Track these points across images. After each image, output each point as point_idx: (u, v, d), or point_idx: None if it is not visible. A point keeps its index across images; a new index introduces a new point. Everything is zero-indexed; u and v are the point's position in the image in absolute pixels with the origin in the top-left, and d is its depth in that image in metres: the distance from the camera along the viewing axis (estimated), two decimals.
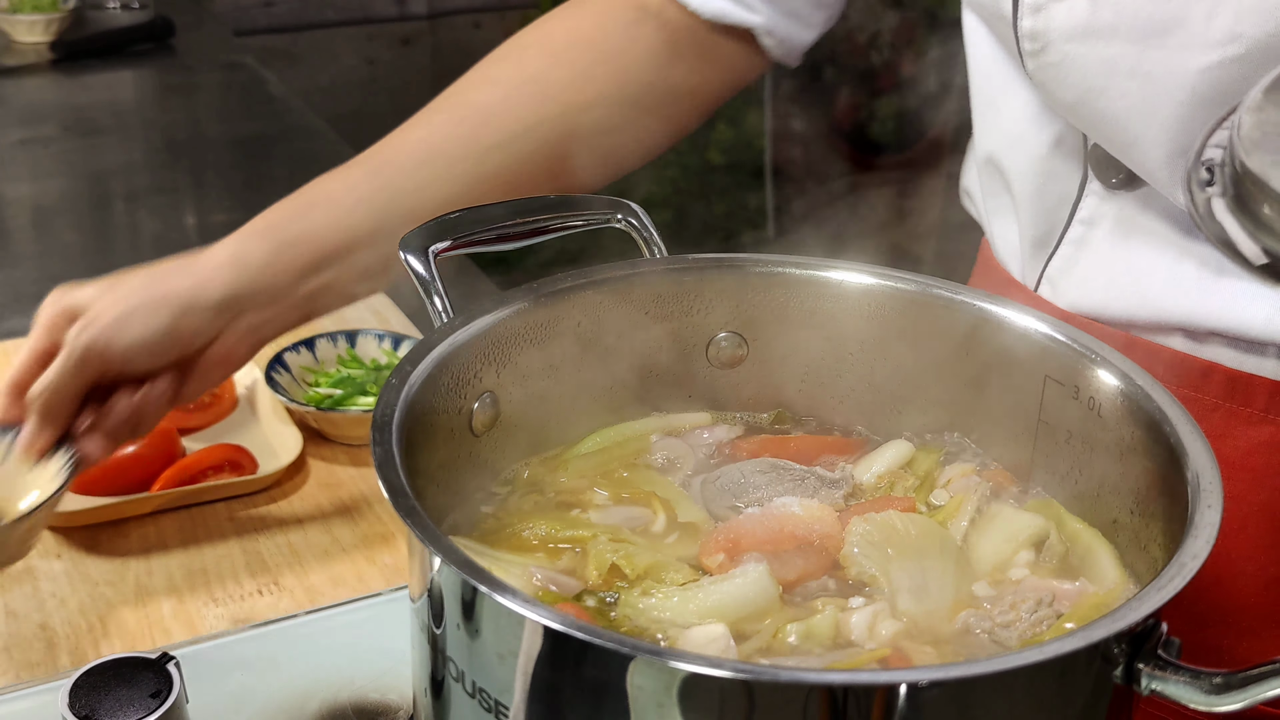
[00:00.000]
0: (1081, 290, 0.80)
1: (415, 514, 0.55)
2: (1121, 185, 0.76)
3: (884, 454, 0.75)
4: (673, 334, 0.78)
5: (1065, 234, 0.80)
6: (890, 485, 0.73)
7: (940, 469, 0.74)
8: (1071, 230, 0.79)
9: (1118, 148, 0.73)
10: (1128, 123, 0.70)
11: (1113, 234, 0.78)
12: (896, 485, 0.73)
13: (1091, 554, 0.66)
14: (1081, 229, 0.79)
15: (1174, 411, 0.63)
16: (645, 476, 0.74)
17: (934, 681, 0.49)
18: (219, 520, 1.05)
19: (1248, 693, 0.50)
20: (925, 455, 0.75)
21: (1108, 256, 0.78)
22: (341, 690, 0.85)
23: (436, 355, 0.68)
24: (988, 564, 0.67)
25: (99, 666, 0.72)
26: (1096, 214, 0.78)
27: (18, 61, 2.36)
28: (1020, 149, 0.81)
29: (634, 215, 0.79)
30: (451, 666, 0.57)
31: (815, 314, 0.78)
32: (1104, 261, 0.78)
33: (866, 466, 0.75)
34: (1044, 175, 0.80)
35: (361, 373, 1.21)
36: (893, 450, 0.75)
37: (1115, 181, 0.76)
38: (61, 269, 1.59)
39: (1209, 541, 0.54)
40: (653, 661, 0.49)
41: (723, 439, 0.78)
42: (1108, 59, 0.68)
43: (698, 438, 0.78)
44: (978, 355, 0.74)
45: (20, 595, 0.96)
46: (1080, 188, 0.78)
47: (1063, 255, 0.80)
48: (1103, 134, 0.73)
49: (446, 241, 0.73)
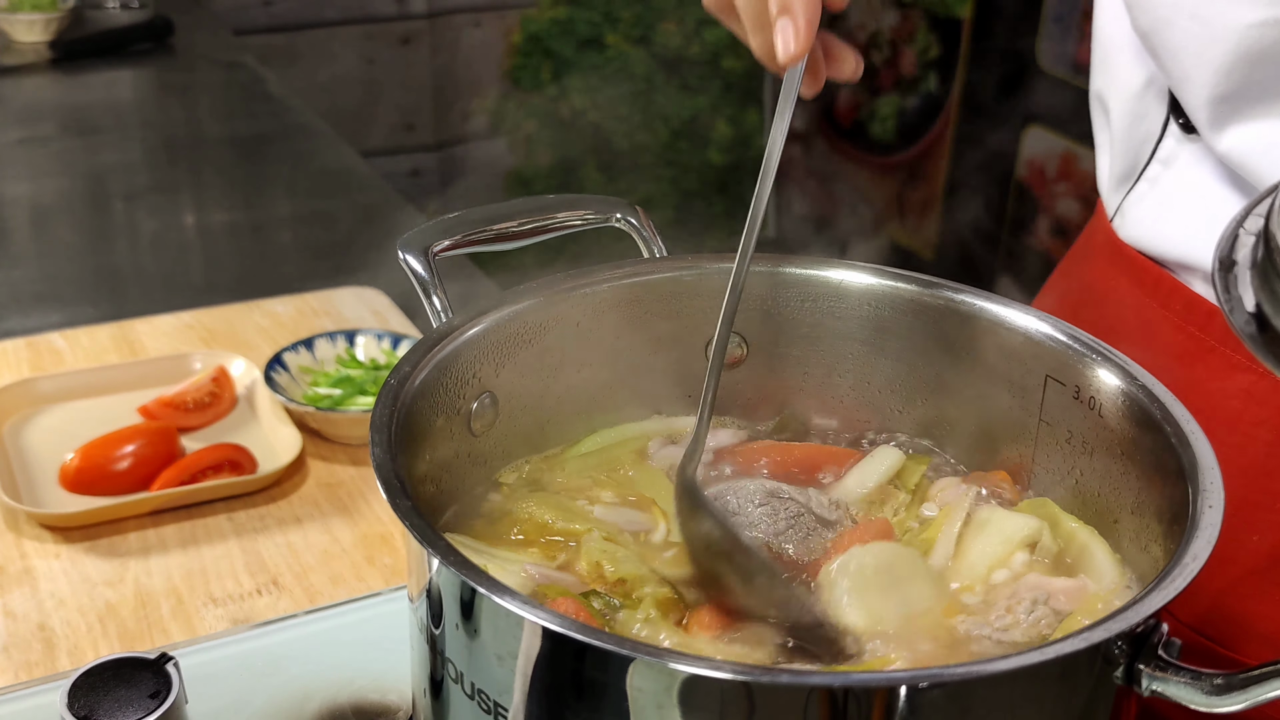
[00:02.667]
0: (1139, 223, 0.83)
1: (414, 515, 0.55)
2: (1188, 127, 0.79)
3: (873, 466, 0.74)
4: (673, 334, 0.78)
5: (1144, 171, 0.83)
6: (881, 503, 0.72)
7: (930, 482, 0.74)
8: (1150, 168, 0.82)
9: (1174, 82, 0.76)
10: (1183, 58, 0.74)
11: (1183, 177, 0.80)
12: (887, 503, 0.72)
13: (1088, 552, 0.66)
14: (1158, 168, 0.82)
15: (1175, 410, 0.63)
16: (650, 479, 0.74)
17: (934, 682, 0.49)
18: (218, 520, 1.05)
19: (1249, 693, 0.49)
20: (914, 465, 0.75)
21: (1174, 198, 0.81)
22: (341, 690, 0.85)
23: (436, 355, 0.68)
24: (982, 569, 0.66)
25: (98, 667, 0.72)
26: (1172, 155, 0.81)
27: (17, 61, 2.36)
28: (1118, 85, 0.85)
29: (634, 215, 0.79)
30: (450, 667, 0.57)
31: (815, 314, 0.78)
32: (1170, 202, 0.81)
33: (859, 482, 0.74)
34: (1134, 113, 0.83)
35: (360, 373, 1.21)
36: (881, 462, 0.75)
37: (1183, 123, 0.79)
38: (61, 269, 1.59)
39: (1210, 541, 0.54)
40: (653, 663, 0.49)
41: (724, 444, 0.78)
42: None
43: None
44: (978, 355, 0.74)
45: (19, 595, 0.95)
46: (1163, 127, 0.82)
47: (1138, 191, 0.84)
48: (1164, 65, 0.77)
49: (446, 241, 0.73)
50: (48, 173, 1.91)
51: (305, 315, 1.38)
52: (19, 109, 2.18)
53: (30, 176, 1.89)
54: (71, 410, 1.17)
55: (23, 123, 2.11)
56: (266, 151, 2.04)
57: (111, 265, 1.62)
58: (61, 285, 1.54)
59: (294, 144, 2.07)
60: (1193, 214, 0.79)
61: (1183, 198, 0.80)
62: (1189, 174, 0.80)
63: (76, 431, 1.12)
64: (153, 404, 1.16)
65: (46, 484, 1.08)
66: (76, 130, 2.08)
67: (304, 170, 1.97)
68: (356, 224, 1.77)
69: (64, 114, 2.18)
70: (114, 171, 1.92)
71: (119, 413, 1.16)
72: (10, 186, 1.85)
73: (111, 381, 1.21)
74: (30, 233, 1.72)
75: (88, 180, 1.89)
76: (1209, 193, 0.78)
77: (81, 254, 1.64)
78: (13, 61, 2.36)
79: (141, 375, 1.21)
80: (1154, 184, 0.82)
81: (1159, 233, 0.81)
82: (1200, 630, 0.77)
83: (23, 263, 1.61)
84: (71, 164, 1.94)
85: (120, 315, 1.38)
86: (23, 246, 1.68)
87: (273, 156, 2.02)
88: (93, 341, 1.32)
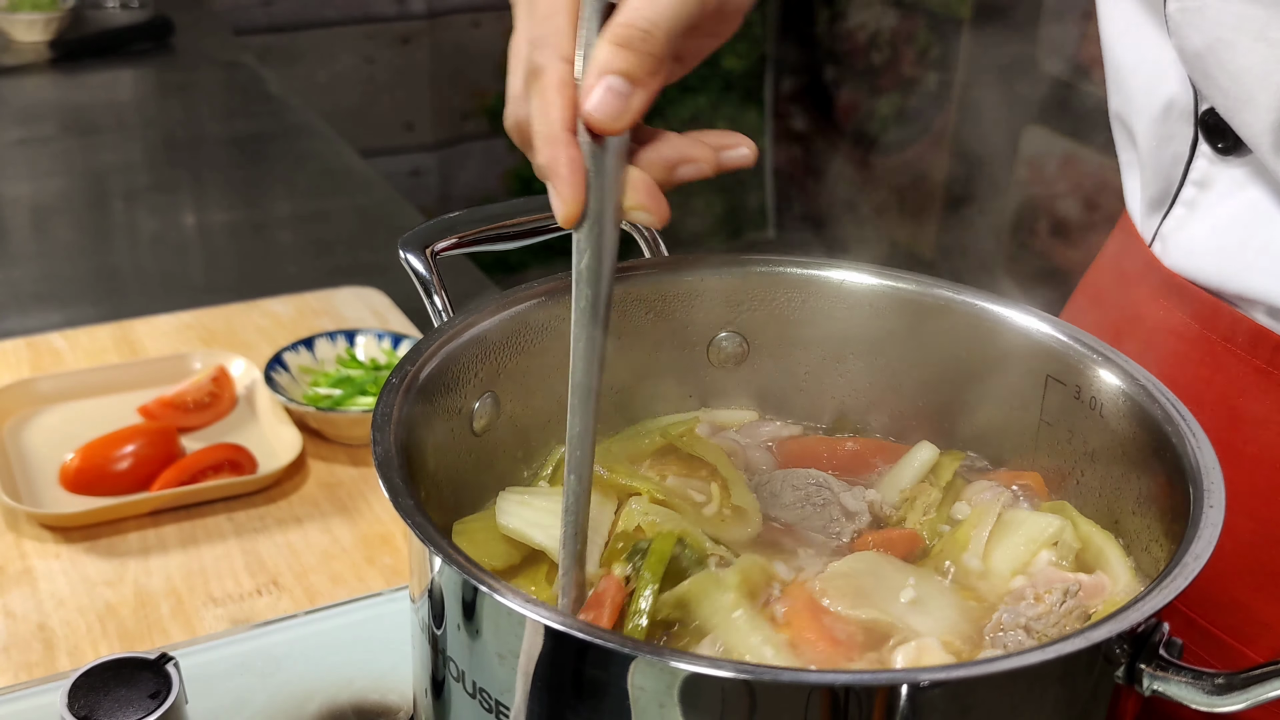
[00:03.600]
0: (1186, 252, 0.81)
1: (417, 514, 0.55)
2: (1228, 150, 0.77)
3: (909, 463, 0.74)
4: (673, 334, 0.78)
5: (1179, 194, 0.82)
6: (911, 501, 0.72)
7: (965, 483, 0.74)
8: (1185, 191, 0.81)
9: (1230, 105, 0.74)
10: (1245, 81, 0.72)
11: (1224, 200, 0.79)
12: (918, 500, 0.72)
13: (1103, 556, 0.66)
14: (1194, 190, 0.80)
15: (1176, 410, 0.63)
16: (708, 449, 0.75)
17: (935, 682, 0.49)
18: (218, 520, 1.05)
19: (1249, 693, 0.49)
20: (949, 462, 0.75)
21: (1218, 222, 0.79)
22: (341, 691, 0.85)
23: (436, 355, 0.67)
24: (1009, 568, 0.66)
25: (98, 667, 0.72)
26: (1208, 177, 0.79)
27: (17, 61, 2.36)
28: (1137, 106, 0.83)
29: None
30: (452, 666, 0.56)
31: (815, 314, 0.78)
32: (1214, 227, 0.79)
33: (892, 483, 0.74)
34: (1160, 136, 0.82)
35: (361, 373, 1.21)
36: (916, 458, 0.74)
37: (1221, 146, 0.78)
38: (61, 269, 1.59)
39: (1211, 541, 0.54)
40: (654, 662, 0.49)
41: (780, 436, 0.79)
42: (1241, 16, 0.70)
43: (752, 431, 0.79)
44: (978, 355, 0.74)
45: (19, 596, 0.95)
46: (1191, 149, 0.80)
47: (1175, 216, 0.82)
48: (1219, 87, 0.74)
49: (446, 241, 0.73)
50: (48, 173, 1.91)
51: (305, 315, 1.38)
52: (19, 109, 2.18)
53: (30, 176, 1.89)
54: (71, 410, 1.17)
55: (23, 123, 2.11)
56: (266, 151, 2.03)
57: (111, 265, 1.62)
58: (61, 285, 1.54)
59: (294, 144, 2.07)
60: (1247, 242, 0.77)
61: (1234, 225, 0.78)
62: (1236, 199, 0.78)
63: (76, 432, 1.12)
64: (153, 404, 1.16)
65: (46, 484, 1.08)
66: (76, 130, 2.08)
67: (304, 170, 1.97)
68: (356, 224, 1.77)
69: (64, 114, 2.18)
70: (114, 171, 1.92)
71: (119, 413, 1.16)
72: (10, 186, 1.84)
73: (111, 381, 1.21)
74: (30, 233, 1.72)
75: (88, 180, 1.89)
76: (1263, 219, 0.76)
77: (81, 254, 1.64)
78: (13, 61, 2.36)
79: (141, 375, 1.21)
80: (1192, 208, 0.80)
81: (1211, 263, 0.79)
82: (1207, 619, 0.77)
83: (23, 263, 1.61)
84: (71, 164, 1.94)
85: (120, 315, 1.38)
86: (23, 246, 1.67)
87: (273, 156, 2.02)
88: (93, 341, 1.32)
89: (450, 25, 3.35)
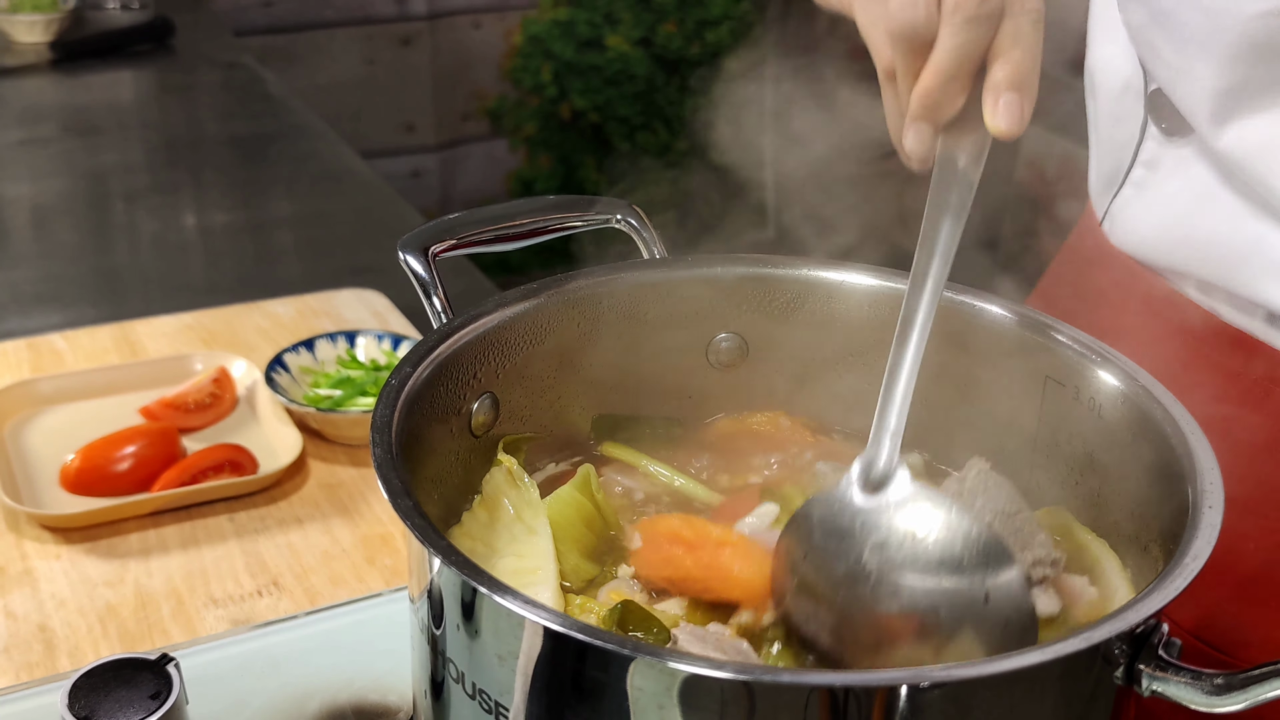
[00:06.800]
0: (1131, 229, 0.82)
1: (416, 515, 0.55)
2: (1172, 131, 0.79)
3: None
4: (673, 334, 0.78)
5: (1129, 174, 0.83)
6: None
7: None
8: (1134, 171, 0.82)
9: (1171, 78, 0.75)
10: (1183, 51, 0.73)
11: (1168, 180, 0.80)
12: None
13: (1099, 565, 0.66)
14: (1143, 171, 0.82)
15: (1175, 411, 0.63)
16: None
17: (934, 682, 0.49)
18: (219, 521, 1.05)
19: (1249, 693, 0.50)
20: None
21: (1163, 203, 0.80)
22: (341, 691, 0.85)
23: (436, 355, 0.68)
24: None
25: (98, 668, 0.72)
26: (1156, 158, 0.81)
27: (17, 61, 2.36)
28: (1098, 86, 0.85)
29: (634, 215, 0.79)
30: (451, 667, 0.57)
31: (815, 314, 0.78)
32: (1159, 206, 0.80)
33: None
34: (1114, 115, 0.83)
35: (361, 373, 1.21)
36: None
37: (1165, 126, 0.79)
38: (61, 270, 1.59)
39: (1210, 542, 0.54)
40: (653, 663, 0.49)
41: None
42: None
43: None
44: (977, 355, 0.74)
45: (20, 596, 0.96)
46: (1142, 130, 0.81)
47: (1124, 195, 0.83)
48: (1162, 60, 0.75)
49: (446, 241, 0.73)
50: (48, 173, 1.91)
51: (305, 316, 1.38)
52: (19, 110, 2.18)
53: (30, 177, 1.89)
54: (72, 411, 1.17)
55: (23, 123, 2.11)
56: (266, 152, 2.04)
57: (112, 266, 1.62)
58: (62, 286, 1.54)
59: (294, 144, 2.07)
60: (1182, 221, 0.78)
61: (1172, 204, 0.79)
62: (1175, 179, 0.79)
63: (77, 432, 1.12)
64: (153, 405, 1.16)
65: (47, 485, 1.08)
66: (77, 131, 2.08)
67: (304, 171, 1.97)
68: (357, 225, 1.77)
69: (64, 115, 2.18)
70: (114, 172, 1.92)
71: (120, 414, 1.16)
72: (10, 187, 1.85)
73: (112, 382, 1.21)
74: (31, 233, 1.72)
75: (88, 181, 1.89)
76: (1198, 199, 0.77)
77: (82, 255, 1.64)
78: (13, 62, 2.36)
79: (142, 376, 1.21)
80: (1140, 188, 0.82)
81: (1149, 238, 0.81)
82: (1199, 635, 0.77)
83: (23, 263, 1.61)
84: (72, 164, 1.94)
85: (121, 316, 1.38)
86: (23, 247, 1.67)
87: (273, 157, 2.02)
88: (93, 342, 1.32)
89: (451, 26, 3.35)
